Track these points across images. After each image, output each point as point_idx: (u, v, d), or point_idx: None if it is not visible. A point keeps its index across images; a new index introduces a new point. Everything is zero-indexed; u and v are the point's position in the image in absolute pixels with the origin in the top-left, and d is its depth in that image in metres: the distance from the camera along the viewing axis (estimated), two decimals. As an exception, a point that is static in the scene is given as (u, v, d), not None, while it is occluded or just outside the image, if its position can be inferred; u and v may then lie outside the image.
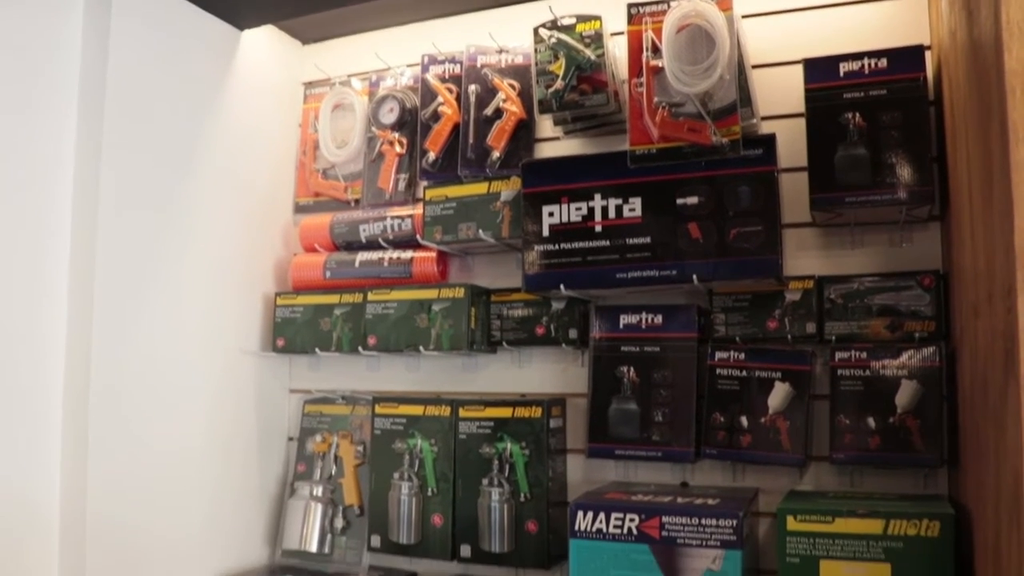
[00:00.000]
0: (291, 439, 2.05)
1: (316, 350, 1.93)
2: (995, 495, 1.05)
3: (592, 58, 1.67)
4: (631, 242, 1.60)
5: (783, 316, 1.60)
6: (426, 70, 1.93)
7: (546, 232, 1.68)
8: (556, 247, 1.66)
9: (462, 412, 1.79)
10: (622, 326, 1.70)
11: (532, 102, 1.77)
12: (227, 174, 1.90)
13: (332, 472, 1.93)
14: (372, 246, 1.95)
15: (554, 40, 1.70)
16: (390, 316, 1.85)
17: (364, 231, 1.95)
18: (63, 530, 1.49)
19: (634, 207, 1.61)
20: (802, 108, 1.55)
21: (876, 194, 1.47)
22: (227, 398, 1.89)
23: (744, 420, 1.60)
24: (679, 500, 1.48)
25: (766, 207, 1.53)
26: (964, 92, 1.23)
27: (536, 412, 1.72)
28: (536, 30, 1.72)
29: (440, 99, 1.90)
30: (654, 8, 1.59)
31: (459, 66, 1.91)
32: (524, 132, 1.83)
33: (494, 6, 1.91)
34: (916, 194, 1.46)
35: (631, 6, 1.61)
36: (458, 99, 1.89)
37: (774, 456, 1.57)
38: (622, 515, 1.44)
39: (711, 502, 1.46)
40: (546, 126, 1.85)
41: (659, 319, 1.68)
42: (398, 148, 1.95)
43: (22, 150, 1.52)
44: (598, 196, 1.64)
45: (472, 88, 1.87)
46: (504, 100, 1.83)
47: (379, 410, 1.88)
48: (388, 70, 2.02)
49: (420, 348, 1.81)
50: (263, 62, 2.03)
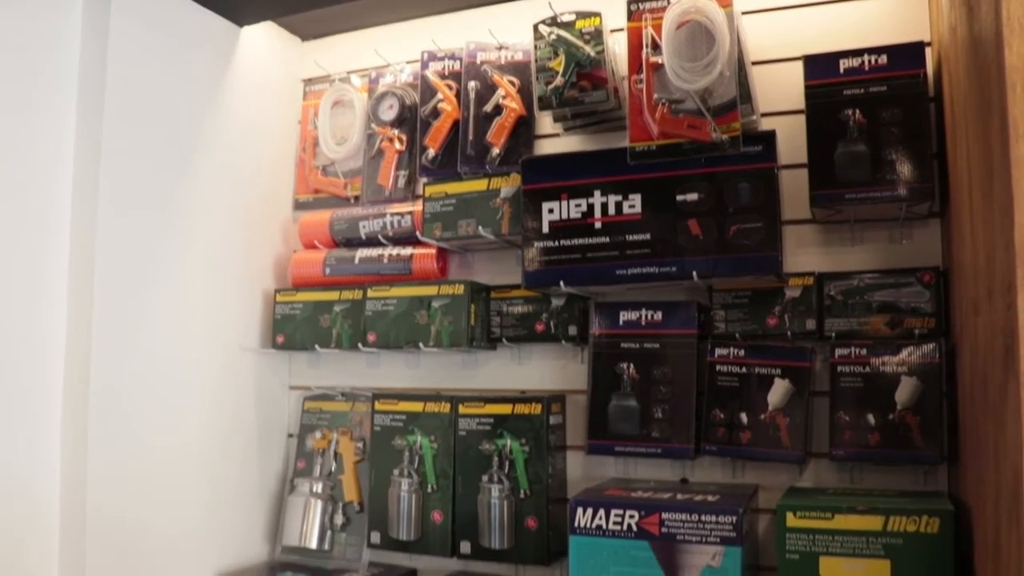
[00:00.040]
0: (291, 436, 2.05)
1: (316, 347, 1.93)
2: (995, 491, 1.05)
3: (592, 55, 1.67)
4: (631, 239, 1.60)
5: (783, 313, 1.60)
6: (426, 67, 1.93)
7: (546, 229, 1.67)
8: (556, 244, 1.66)
9: (462, 409, 1.79)
10: (622, 323, 1.70)
11: (532, 99, 1.77)
12: (227, 171, 1.90)
13: (332, 469, 1.93)
14: (372, 243, 1.95)
15: (554, 36, 1.70)
16: (390, 313, 1.85)
17: (364, 228, 1.95)
18: (63, 526, 1.50)
19: (634, 204, 1.61)
20: (802, 104, 1.55)
21: (876, 191, 1.47)
22: (227, 395, 1.89)
23: (744, 417, 1.60)
24: (679, 496, 1.48)
25: (766, 204, 1.52)
26: (964, 88, 1.23)
27: (536, 409, 1.72)
28: (536, 26, 1.72)
29: (440, 96, 1.90)
30: (654, 4, 1.59)
31: (459, 63, 1.90)
32: (524, 129, 1.83)
33: (494, 2, 1.91)
34: (916, 191, 1.46)
35: (631, 2, 1.60)
36: (458, 96, 1.89)
37: (774, 453, 1.57)
38: (622, 511, 1.44)
39: (711, 499, 1.46)
40: (546, 123, 1.84)
41: (659, 316, 1.68)
42: (398, 145, 1.95)
43: (22, 147, 1.52)
44: (598, 193, 1.64)
45: (472, 85, 1.86)
46: (504, 97, 1.83)
47: (379, 407, 1.88)
48: (388, 67, 2.01)
49: (420, 345, 1.81)
50: (263, 59, 2.02)
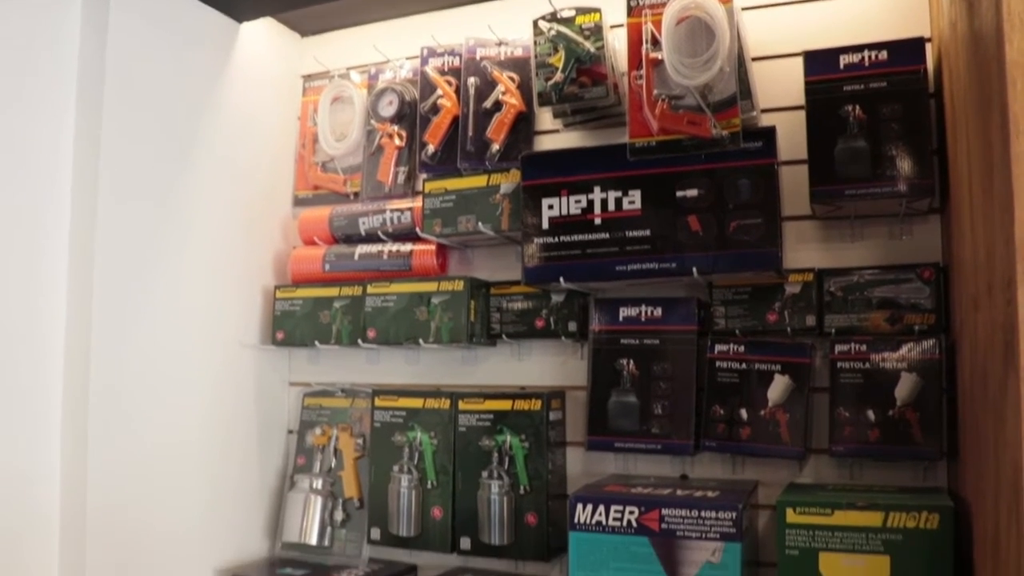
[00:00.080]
0: (291, 432, 2.05)
1: (315, 343, 1.93)
2: (994, 487, 1.05)
3: (592, 51, 1.67)
4: (631, 235, 1.60)
5: (783, 309, 1.60)
6: (425, 63, 1.93)
7: (545, 225, 1.67)
8: (555, 240, 1.66)
9: (462, 405, 1.79)
10: (622, 319, 1.70)
11: (531, 95, 1.77)
12: (226, 167, 1.90)
13: (332, 465, 1.93)
14: (371, 239, 1.95)
15: (553, 32, 1.69)
16: (389, 309, 1.85)
17: (363, 224, 1.95)
18: (63, 523, 1.50)
19: (634, 200, 1.61)
20: (802, 101, 1.55)
21: (876, 187, 1.47)
22: (227, 391, 1.89)
23: (744, 413, 1.60)
24: (678, 492, 1.48)
25: (766, 200, 1.52)
26: (965, 84, 1.23)
27: (536, 405, 1.73)
28: (535, 22, 1.71)
29: (439, 92, 1.89)
30: (653, 0, 1.59)
31: (458, 59, 1.90)
32: (523, 125, 1.83)
33: (493, -2, 1.91)
34: (916, 187, 1.46)
35: (631, -2, 1.61)
36: (457, 92, 1.88)
37: (774, 449, 1.57)
38: (621, 507, 1.44)
39: (710, 495, 1.46)
40: (545, 119, 1.84)
41: (659, 312, 1.68)
42: (397, 141, 1.95)
43: (21, 143, 1.52)
44: (598, 189, 1.64)
45: (471, 81, 1.86)
46: (503, 93, 1.82)
47: (379, 403, 1.88)
48: (387, 63, 2.01)
49: (420, 341, 1.81)
50: (262, 55, 2.02)
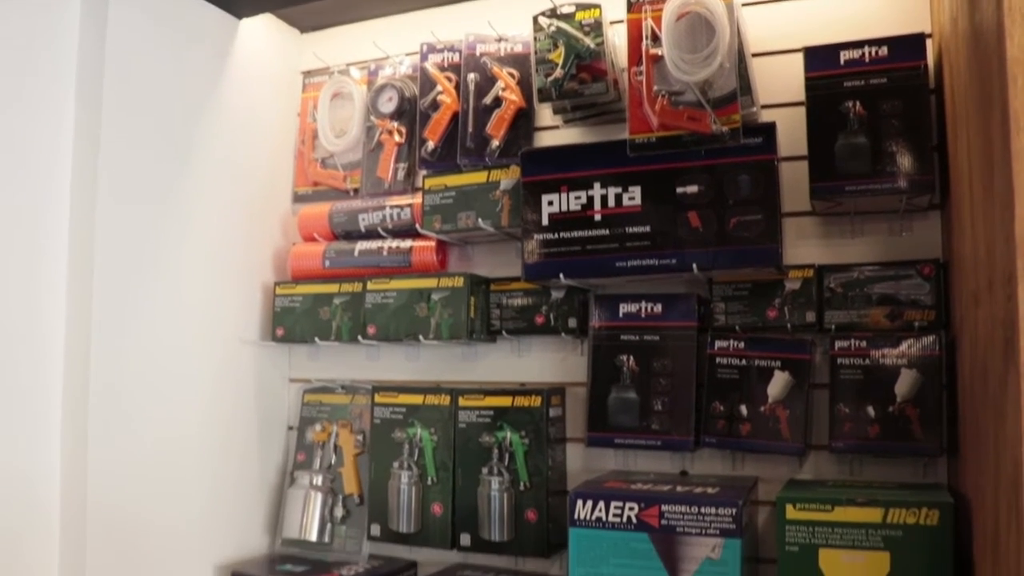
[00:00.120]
0: (291, 428, 2.05)
1: (315, 339, 1.93)
2: (994, 484, 1.05)
3: (591, 46, 1.66)
4: (631, 231, 1.60)
5: (783, 305, 1.60)
6: (425, 59, 1.93)
7: (545, 221, 1.67)
8: (555, 236, 1.66)
9: (462, 401, 1.79)
10: (622, 315, 1.70)
11: (531, 91, 1.77)
12: (226, 164, 1.90)
13: (332, 461, 1.93)
14: (371, 235, 1.95)
15: (553, 28, 1.69)
16: (389, 305, 1.85)
17: (363, 220, 1.95)
18: (63, 519, 1.49)
19: (634, 196, 1.61)
20: (802, 96, 1.55)
21: (876, 183, 1.47)
22: (227, 388, 1.89)
23: (744, 409, 1.60)
24: (678, 489, 1.48)
25: (766, 196, 1.52)
26: (965, 80, 1.23)
27: (536, 401, 1.73)
28: (535, 18, 1.71)
29: (439, 88, 1.89)
30: (654, -4, 1.58)
31: (458, 55, 1.90)
32: (523, 121, 1.83)
33: (493, -6, 1.91)
34: (916, 183, 1.46)
35: (631, -6, 1.60)
36: (457, 88, 1.88)
37: (773, 445, 1.57)
38: (621, 504, 1.44)
39: (710, 491, 1.46)
40: (545, 115, 1.84)
41: (659, 308, 1.68)
42: (397, 137, 1.94)
43: (20, 141, 1.51)
44: (597, 185, 1.64)
45: (471, 77, 1.86)
46: (503, 89, 1.82)
47: (379, 399, 1.88)
48: (387, 59, 2.01)
49: (420, 337, 1.81)
50: (261, 51, 2.02)
